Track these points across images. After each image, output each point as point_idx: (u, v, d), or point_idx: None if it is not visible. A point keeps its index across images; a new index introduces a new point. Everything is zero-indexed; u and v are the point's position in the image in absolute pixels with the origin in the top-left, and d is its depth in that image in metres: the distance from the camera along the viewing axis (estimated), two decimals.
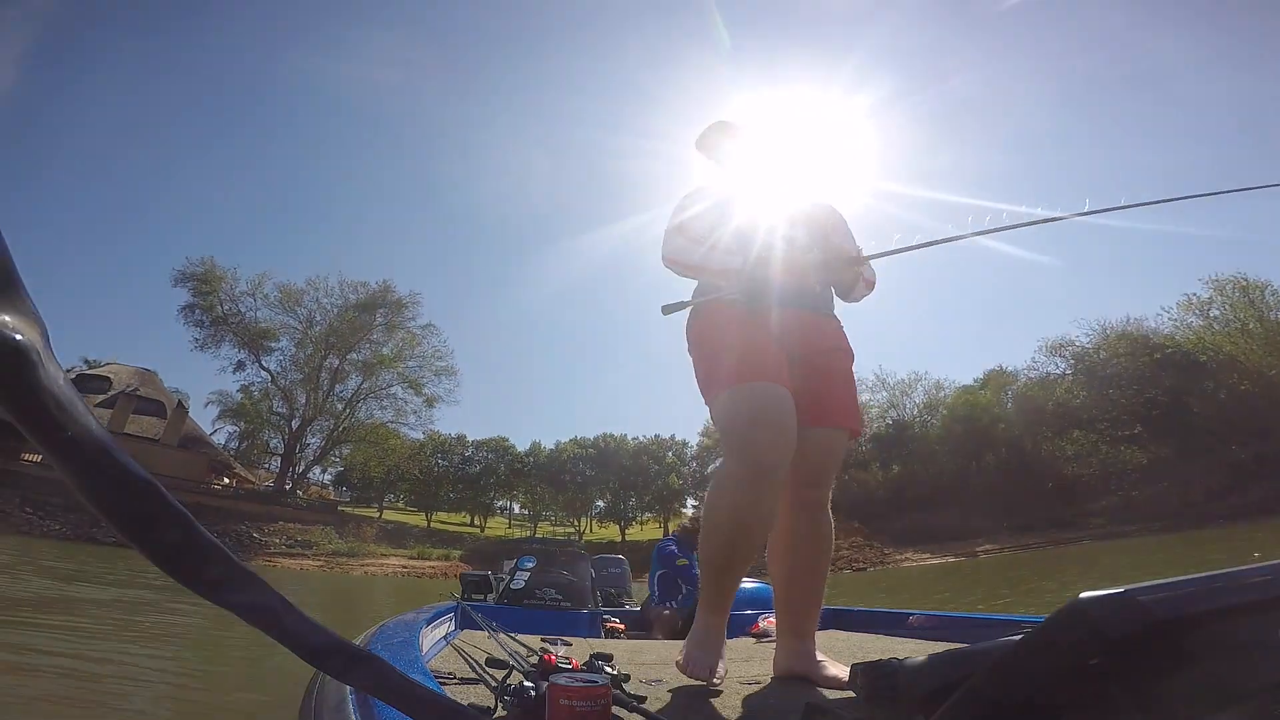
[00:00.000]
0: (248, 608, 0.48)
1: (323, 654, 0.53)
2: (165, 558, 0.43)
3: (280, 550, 28.47)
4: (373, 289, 40.99)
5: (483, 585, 3.88)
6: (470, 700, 1.15)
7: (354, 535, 32.51)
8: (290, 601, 0.51)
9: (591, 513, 50.35)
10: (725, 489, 1.55)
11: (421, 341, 41.66)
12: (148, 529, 0.43)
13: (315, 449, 40.79)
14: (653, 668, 1.82)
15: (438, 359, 41.82)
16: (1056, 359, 34.75)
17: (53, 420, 0.38)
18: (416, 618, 2.17)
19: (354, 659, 0.56)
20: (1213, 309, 30.16)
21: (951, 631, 2.44)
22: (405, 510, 47.45)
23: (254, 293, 39.13)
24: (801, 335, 1.69)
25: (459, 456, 49.75)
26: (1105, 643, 0.54)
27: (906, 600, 11.29)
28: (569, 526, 50.20)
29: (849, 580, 21.57)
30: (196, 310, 37.93)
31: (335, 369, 39.96)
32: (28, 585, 8.54)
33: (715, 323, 1.70)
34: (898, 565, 26.39)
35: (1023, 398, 34.28)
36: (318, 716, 1.23)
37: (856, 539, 30.37)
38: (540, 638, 2.20)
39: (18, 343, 0.36)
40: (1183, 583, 0.55)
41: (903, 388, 40.58)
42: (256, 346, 39.09)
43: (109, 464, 0.41)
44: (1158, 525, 22.61)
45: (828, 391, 1.68)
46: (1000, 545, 25.88)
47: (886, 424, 39.97)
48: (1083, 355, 33.10)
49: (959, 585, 14.15)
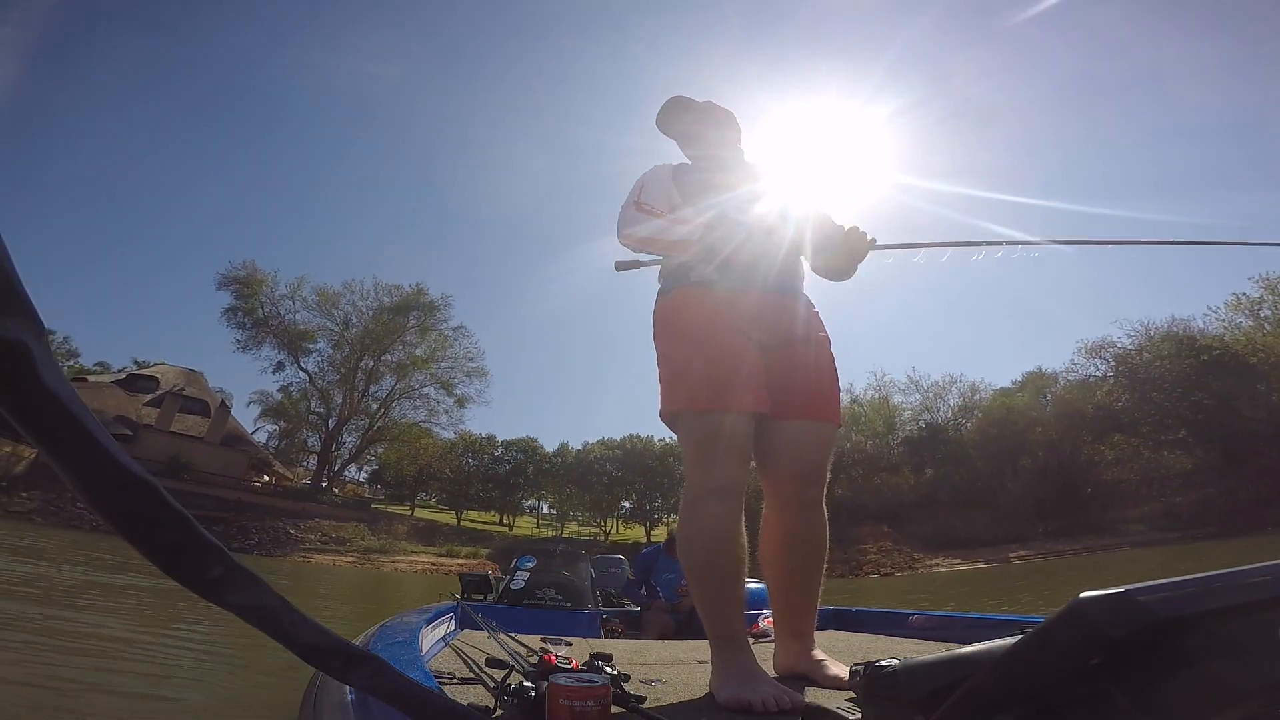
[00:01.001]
0: (247, 608, 0.48)
1: (323, 654, 0.53)
2: (164, 558, 0.44)
3: (315, 546, 29.02)
4: (406, 291, 41.69)
5: (482, 585, 3.88)
6: (470, 700, 1.15)
7: (386, 533, 32.99)
8: (290, 602, 0.50)
9: (618, 513, 50.44)
10: (694, 508, 1.51)
11: (453, 343, 42.30)
12: (147, 529, 0.43)
13: (351, 448, 41.64)
14: (653, 668, 1.81)
15: (469, 360, 42.37)
16: (1096, 361, 33.67)
17: (51, 420, 0.38)
18: (416, 618, 2.15)
19: (354, 659, 0.55)
20: (1263, 309, 28.95)
21: (951, 631, 2.41)
22: (436, 509, 48.19)
23: (293, 295, 40.13)
24: (776, 322, 1.62)
25: (489, 456, 50.46)
26: (1105, 643, 0.54)
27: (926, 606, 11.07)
28: (595, 527, 50.34)
29: (875, 585, 21.04)
30: (239, 313, 38.98)
31: (370, 370, 40.69)
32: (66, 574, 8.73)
33: (684, 317, 1.62)
34: (927, 570, 25.85)
35: (1061, 400, 33.29)
36: (318, 716, 1.23)
37: (885, 543, 29.81)
38: (540, 638, 2.20)
39: (16, 343, 0.36)
40: (1183, 583, 0.55)
41: (937, 390, 39.76)
42: (295, 348, 40.00)
43: (108, 464, 0.41)
44: (1203, 532, 21.78)
45: (809, 383, 1.62)
46: (1034, 551, 25.15)
47: (919, 427, 39.23)
48: (1124, 357, 32.01)
49: (985, 591, 13.82)
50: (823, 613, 3.14)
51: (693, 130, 1.87)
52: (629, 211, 1.70)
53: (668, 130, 1.94)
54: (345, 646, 0.55)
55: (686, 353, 1.58)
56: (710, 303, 1.59)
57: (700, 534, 1.49)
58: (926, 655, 0.68)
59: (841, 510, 33.56)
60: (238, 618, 0.48)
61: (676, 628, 3.64)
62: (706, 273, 1.62)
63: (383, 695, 0.58)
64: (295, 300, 40.16)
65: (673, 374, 1.60)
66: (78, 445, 0.39)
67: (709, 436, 1.50)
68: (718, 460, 1.49)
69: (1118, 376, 31.89)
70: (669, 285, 1.70)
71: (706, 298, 1.60)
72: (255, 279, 38.94)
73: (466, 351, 42.41)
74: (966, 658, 0.64)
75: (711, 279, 1.61)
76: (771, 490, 1.65)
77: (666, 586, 3.91)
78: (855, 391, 41.38)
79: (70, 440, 0.39)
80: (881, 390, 41.01)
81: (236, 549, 25.70)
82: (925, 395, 39.94)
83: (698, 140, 1.86)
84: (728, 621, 1.46)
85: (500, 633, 1.90)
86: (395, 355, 41.21)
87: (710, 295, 1.60)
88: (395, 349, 41.11)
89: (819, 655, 1.59)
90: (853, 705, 0.86)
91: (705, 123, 1.86)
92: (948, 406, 39.51)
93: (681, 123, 1.89)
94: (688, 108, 1.89)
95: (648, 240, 1.67)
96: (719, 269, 1.61)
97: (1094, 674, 0.57)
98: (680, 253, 1.64)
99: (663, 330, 1.68)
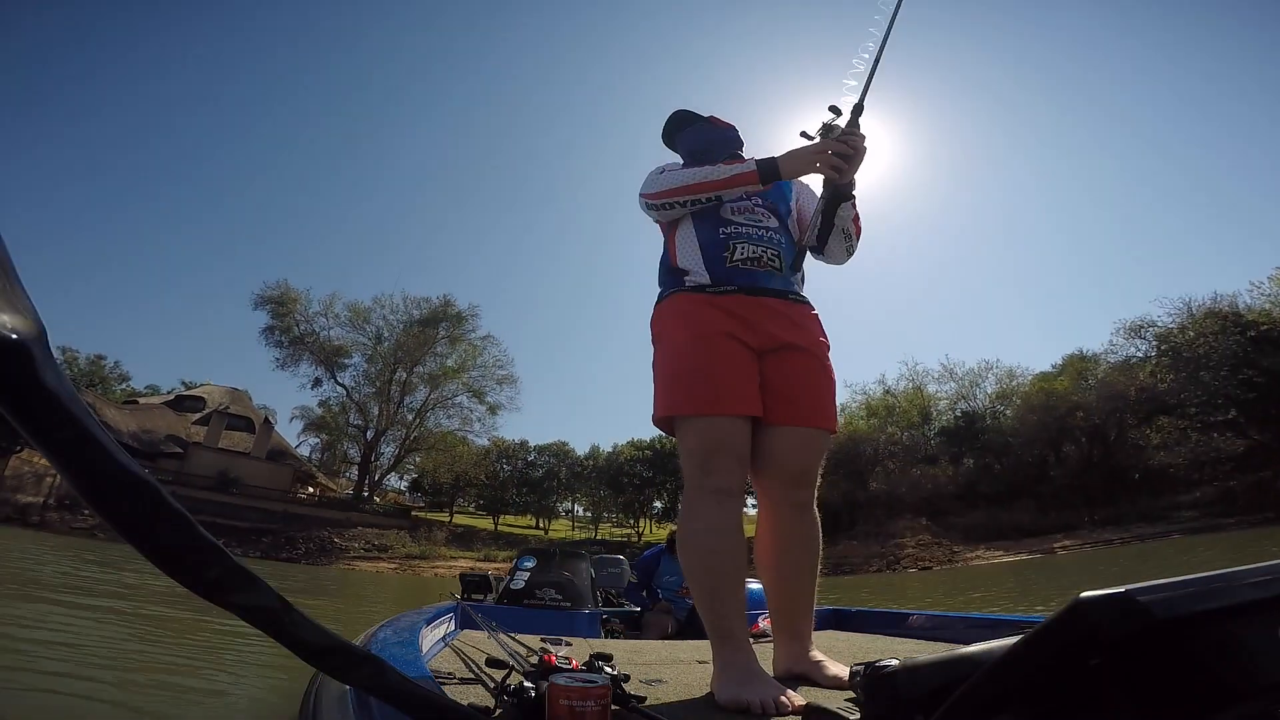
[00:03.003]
0: (248, 608, 0.48)
1: (323, 654, 0.53)
2: (164, 558, 0.44)
3: (359, 554, 29.64)
4: (434, 304, 42.47)
5: (482, 585, 3.85)
6: (470, 700, 1.14)
7: (426, 539, 33.50)
8: (290, 601, 0.51)
9: (650, 513, 50.46)
10: (693, 509, 1.54)
11: (482, 352, 42.91)
12: (146, 529, 0.43)
13: (389, 458, 42.48)
14: (653, 668, 1.81)
15: (498, 368, 42.98)
16: (1137, 340, 32.58)
17: (51, 420, 0.38)
18: (416, 618, 2.15)
19: (354, 659, 0.56)
20: None
21: (951, 631, 2.40)
22: (474, 514, 48.90)
23: (326, 312, 41.19)
24: (772, 327, 1.62)
25: (522, 461, 50.95)
26: (1105, 643, 0.55)
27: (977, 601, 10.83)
28: (628, 528, 50.44)
29: (914, 580, 20.47)
30: (276, 331, 40.11)
31: (404, 381, 41.45)
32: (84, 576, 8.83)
33: (681, 321, 1.64)
34: (967, 564, 25.24)
35: (1103, 383, 32.27)
36: (317, 716, 1.24)
37: (923, 537, 29.17)
38: (540, 638, 2.19)
39: (16, 342, 0.36)
40: (1183, 583, 0.55)
41: (972, 377, 38.88)
42: (331, 363, 41.01)
43: (108, 464, 0.41)
44: (1260, 517, 20.95)
45: (802, 388, 1.63)
46: (1081, 541, 24.37)
47: (955, 416, 38.41)
48: (1166, 335, 30.91)
49: (1032, 584, 13.45)
50: (822, 613, 3.11)
51: (696, 147, 1.90)
52: (654, 177, 1.75)
53: (672, 144, 1.98)
54: (345, 646, 0.55)
55: (684, 357, 1.60)
56: (707, 307, 1.62)
57: (700, 534, 1.51)
58: (926, 655, 0.68)
59: (878, 504, 33.07)
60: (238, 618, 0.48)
61: (677, 628, 3.63)
62: (703, 278, 1.65)
63: (383, 695, 0.58)
64: (329, 316, 41.30)
65: (670, 378, 1.62)
66: (78, 445, 0.39)
67: (708, 439, 1.53)
68: (717, 462, 1.52)
69: (1160, 356, 30.82)
70: (666, 290, 1.73)
71: (703, 302, 1.63)
72: (289, 297, 40.02)
73: (496, 359, 43.07)
74: (966, 658, 0.64)
75: (708, 284, 1.64)
76: (763, 493, 1.68)
77: (668, 589, 3.90)
78: (888, 382, 40.78)
79: (70, 440, 0.39)
80: (914, 379, 40.29)
81: (285, 559, 26.48)
82: (960, 383, 39.16)
83: (702, 158, 1.86)
84: (728, 621, 1.47)
85: (500, 633, 1.90)
86: (427, 366, 41.98)
87: (707, 300, 1.63)
88: (427, 360, 41.89)
89: (817, 655, 1.60)
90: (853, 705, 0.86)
91: (709, 138, 1.89)
92: (984, 394, 38.65)
93: (685, 137, 1.93)
94: (690, 122, 1.92)
95: (681, 189, 1.69)
96: (711, 269, 1.64)
97: (1094, 674, 0.57)
98: (701, 192, 1.66)
99: (660, 334, 1.71)
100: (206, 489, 30.28)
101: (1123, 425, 30.48)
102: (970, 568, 23.97)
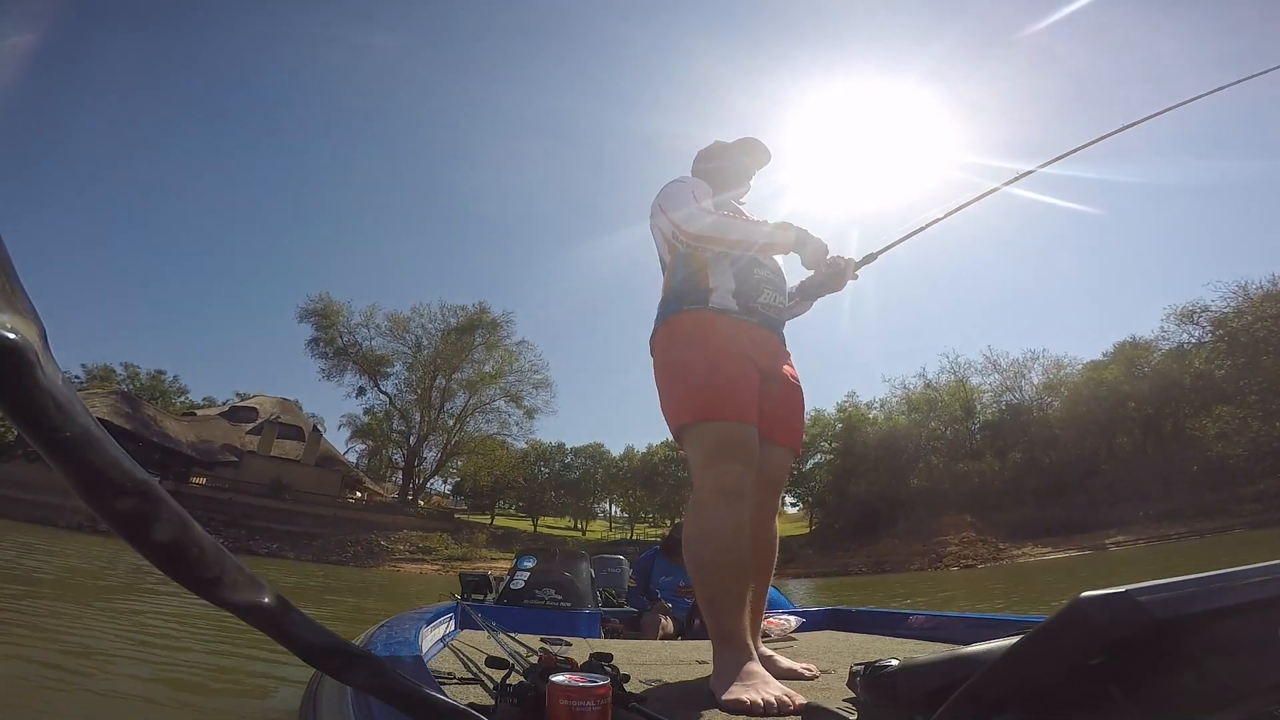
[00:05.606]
0: (246, 608, 0.48)
1: (322, 654, 0.54)
2: (163, 558, 0.43)
3: (404, 556, 30.29)
4: (470, 311, 43.15)
5: (482, 585, 3.84)
6: (470, 700, 1.13)
7: (468, 541, 34.03)
8: (289, 601, 0.51)
9: None
10: (701, 509, 1.59)
11: (518, 357, 43.40)
12: (145, 529, 0.42)
13: (432, 462, 43.44)
14: (653, 668, 1.82)
15: (534, 372, 43.42)
16: (1190, 327, 31.09)
17: (50, 420, 0.37)
18: (416, 618, 2.15)
19: (353, 659, 0.56)
20: None
21: (951, 632, 2.39)
22: (515, 516, 49.57)
23: (367, 323, 42.23)
24: (771, 355, 1.82)
25: (559, 463, 51.51)
26: (1105, 643, 0.56)
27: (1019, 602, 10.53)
28: (664, 527, 50.44)
29: (957, 578, 19.68)
30: (320, 343, 41.36)
31: (444, 388, 42.32)
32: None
33: (704, 336, 1.75)
34: (1014, 561, 24.46)
35: (1156, 372, 30.95)
36: (318, 717, 1.25)
37: (967, 534, 28.31)
38: (540, 638, 2.19)
39: (15, 343, 0.36)
40: (1183, 583, 0.56)
41: (1018, 369, 37.51)
42: (374, 372, 42.04)
43: (107, 464, 0.40)
44: None
45: (792, 415, 1.87)
46: (1135, 536, 23.32)
47: (1000, 409, 37.27)
48: (1222, 321, 29.48)
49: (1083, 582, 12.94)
50: (821, 612, 3.18)
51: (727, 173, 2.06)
52: (699, 215, 1.80)
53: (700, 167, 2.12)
54: (345, 646, 0.56)
55: (706, 368, 1.69)
56: (727, 327, 1.75)
57: (707, 534, 1.56)
58: (926, 655, 0.69)
59: (920, 501, 32.27)
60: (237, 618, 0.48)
61: (677, 628, 3.61)
62: (730, 304, 1.78)
63: (383, 695, 0.59)
64: (370, 327, 42.29)
65: (690, 388, 1.70)
66: (78, 445, 0.39)
67: (722, 442, 1.61)
68: (730, 464, 1.59)
69: (1215, 342, 29.45)
70: (682, 305, 1.81)
71: (724, 323, 1.76)
72: (331, 309, 41.17)
73: (531, 364, 43.54)
74: (966, 658, 0.65)
75: (731, 308, 1.78)
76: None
77: (665, 590, 3.88)
78: (929, 375, 39.83)
79: (70, 440, 0.39)
80: (957, 372, 39.17)
81: (335, 561, 27.20)
82: (1005, 375, 37.88)
83: (724, 186, 2.02)
84: (730, 621, 1.50)
85: (500, 633, 1.91)
86: (465, 373, 42.71)
87: (728, 321, 1.76)
88: (465, 367, 42.64)
89: (766, 650, 1.73)
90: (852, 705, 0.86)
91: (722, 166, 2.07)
92: (1030, 385, 37.33)
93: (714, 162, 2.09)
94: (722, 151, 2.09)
95: (710, 239, 1.78)
96: (739, 299, 1.78)
97: (1094, 674, 0.58)
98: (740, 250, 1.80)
99: (680, 345, 1.79)
100: (260, 495, 31.35)
101: (1178, 415, 29.24)
102: (1016, 565, 23.27)
